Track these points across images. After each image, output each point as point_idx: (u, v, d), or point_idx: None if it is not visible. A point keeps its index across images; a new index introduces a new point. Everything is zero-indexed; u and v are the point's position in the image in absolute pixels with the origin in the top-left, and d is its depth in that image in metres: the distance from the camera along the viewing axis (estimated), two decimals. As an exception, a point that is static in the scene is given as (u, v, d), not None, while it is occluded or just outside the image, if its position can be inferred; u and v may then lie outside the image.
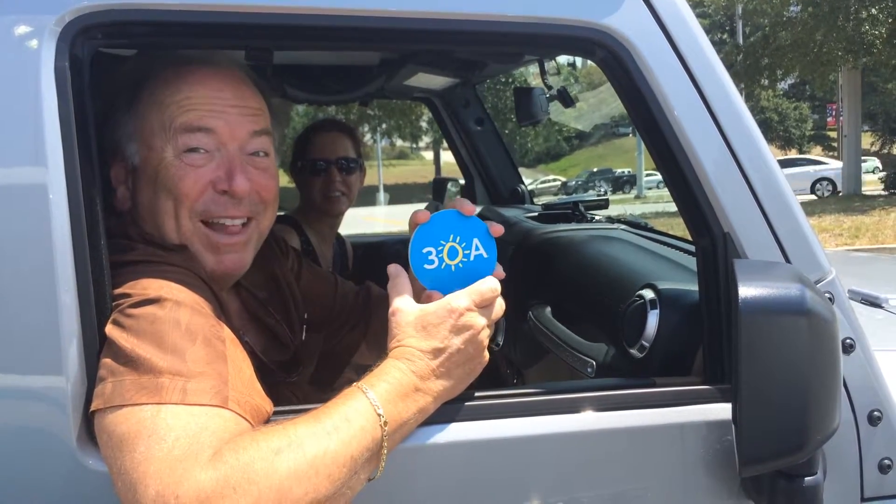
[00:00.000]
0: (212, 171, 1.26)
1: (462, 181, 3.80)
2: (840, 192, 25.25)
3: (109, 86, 1.31)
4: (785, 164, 29.22)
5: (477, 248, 1.22)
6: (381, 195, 28.61)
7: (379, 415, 1.04)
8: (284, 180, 2.09)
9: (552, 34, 1.26)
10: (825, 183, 27.31)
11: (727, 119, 1.29)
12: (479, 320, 1.15)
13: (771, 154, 1.34)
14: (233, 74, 1.32)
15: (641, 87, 1.27)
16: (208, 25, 1.16)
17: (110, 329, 1.07)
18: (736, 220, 1.29)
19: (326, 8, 1.17)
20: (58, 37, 1.08)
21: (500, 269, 1.25)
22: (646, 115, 1.29)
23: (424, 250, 1.20)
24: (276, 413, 1.14)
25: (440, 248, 1.21)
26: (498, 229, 1.24)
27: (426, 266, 1.20)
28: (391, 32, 1.25)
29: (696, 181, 1.29)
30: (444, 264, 1.21)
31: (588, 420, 1.24)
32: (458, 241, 1.21)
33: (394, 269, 1.23)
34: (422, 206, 3.47)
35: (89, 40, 1.12)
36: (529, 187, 3.77)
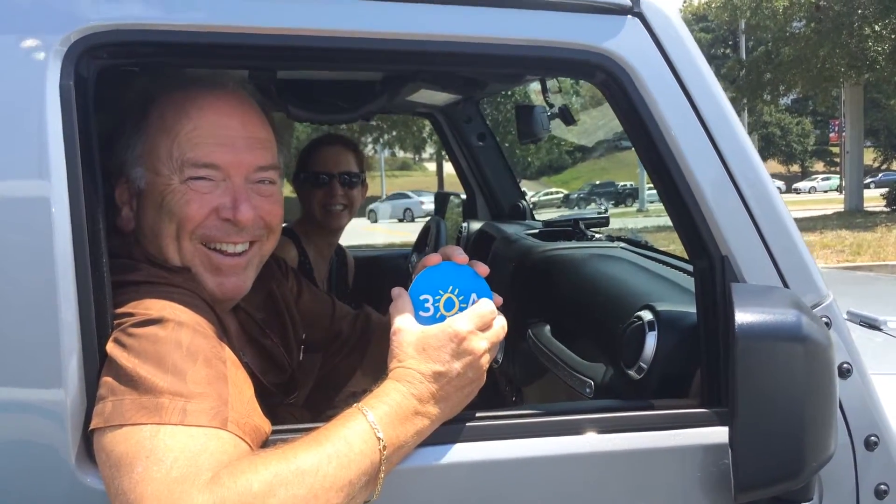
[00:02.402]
0: (217, 198, 1.27)
1: (463, 195, 3.81)
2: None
3: (117, 103, 1.32)
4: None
5: (473, 303, 1.23)
6: (384, 206, 28.64)
7: (378, 438, 1.04)
8: (287, 190, 2.09)
9: (552, 57, 1.27)
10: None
11: (725, 142, 1.30)
12: (480, 345, 1.16)
13: (769, 177, 1.34)
14: (241, 100, 1.32)
15: (640, 110, 1.28)
16: (212, 46, 1.17)
17: (112, 348, 1.07)
18: (734, 243, 1.29)
19: (330, 30, 1.18)
20: (63, 56, 1.09)
21: (498, 297, 1.25)
22: (644, 138, 1.30)
23: (421, 297, 1.22)
24: (275, 432, 1.14)
25: (437, 297, 1.22)
26: (483, 269, 1.25)
27: (421, 314, 1.21)
28: (393, 54, 1.26)
29: (695, 203, 1.29)
30: (439, 314, 1.22)
31: (585, 442, 1.24)
32: (455, 292, 1.23)
33: (397, 290, 1.24)
34: (424, 218, 3.49)
35: (95, 59, 1.13)
36: (532, 200, 3.77)
